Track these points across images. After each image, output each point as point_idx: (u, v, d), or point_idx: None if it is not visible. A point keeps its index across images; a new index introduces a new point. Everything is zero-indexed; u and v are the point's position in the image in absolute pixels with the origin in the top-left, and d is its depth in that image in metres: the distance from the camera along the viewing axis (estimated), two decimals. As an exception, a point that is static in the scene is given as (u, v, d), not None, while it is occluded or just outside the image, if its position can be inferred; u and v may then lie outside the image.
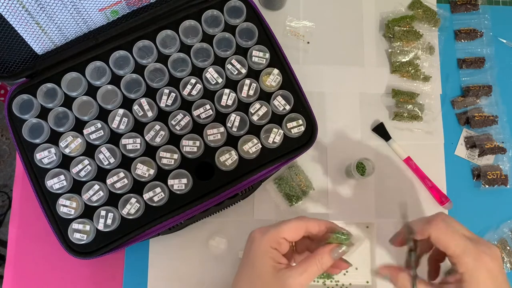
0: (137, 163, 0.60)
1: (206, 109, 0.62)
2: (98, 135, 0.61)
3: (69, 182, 0.60)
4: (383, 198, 0.73)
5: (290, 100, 0.63)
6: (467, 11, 0.81)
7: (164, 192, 0.60)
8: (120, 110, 0.61)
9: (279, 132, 0.62)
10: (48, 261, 0.71)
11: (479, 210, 0.74)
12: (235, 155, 0.61)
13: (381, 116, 0.76)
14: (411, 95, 0.75)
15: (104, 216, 0.59)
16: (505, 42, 0.81)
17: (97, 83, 0.63)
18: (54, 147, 0.60)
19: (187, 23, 0.65)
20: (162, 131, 0.61)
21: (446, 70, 0.79)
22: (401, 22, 0.77)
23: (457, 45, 0.80)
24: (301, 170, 0.72)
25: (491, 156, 0.75)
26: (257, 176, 0.63)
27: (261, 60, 0.64)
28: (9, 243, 0.72)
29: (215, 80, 0.63)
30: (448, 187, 0.74)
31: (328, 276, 0.70)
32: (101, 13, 0.61)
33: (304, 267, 0.47)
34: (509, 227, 0.73)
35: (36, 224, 0.72)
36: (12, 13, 0.54)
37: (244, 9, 0.65)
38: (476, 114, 0.76)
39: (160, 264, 0.69)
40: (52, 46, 0.62)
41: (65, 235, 0.59)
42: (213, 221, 0.70)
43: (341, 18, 0.80)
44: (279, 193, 0.71)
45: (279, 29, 0.77)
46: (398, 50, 0.77)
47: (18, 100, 0.62)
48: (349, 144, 0.75)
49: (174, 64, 0.64)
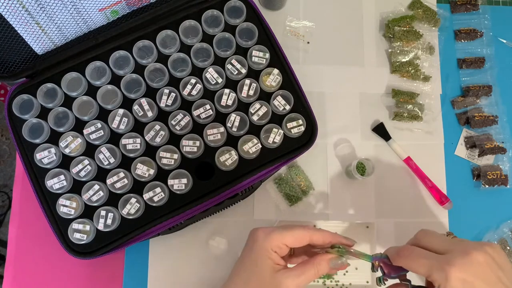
0: (137, 163, 0.60)
1: (206, 109, 0.62)
2: (98, 135, 0.61)
3: (69, 182, 0.60)
4: (383, 198, 0.73)
5: (290, 100, 0.63)
6: (467, 11, 0.81)
7: (164, 192, 0.60)
8: (120, 110, 0.61)
9: (279, 132, 0.62)
10: (48, 261, 0.71)
11: (479, 210, 0.74)
12: (235, 155, 0.61)
13: (381, 116, 0.76)
14: (411, 95, 0.75)
15: (104, 216, 0.59)
16: (505, 42, 0.81)
17: (97, 83, 0.63)
18: (54, 147, 0.60)
19: (187, 23, 0.65)
20: (162, 131, 0.61)
21: (446, 70, 0.79)
22: (401, 22, 0.77)
23: (457, 45, 0.80)
24: (301, 170, 0.72)
25: (491, 156, 0.75)
26: (257, 176, 0.63)
27: (261, 60, 0.64)
28: (9, 243, 0.72)
29: (215, 80, 0.63)
30: (448, 187, 0.74)
31: (328, 276, 0.70)
32: (101, 13, 0.61)
33: (302, 270, 0.48)
34: (509, 227, 0.73)
35: (36, 224, 0.72)
36: (12, 13, 0.54)
37: (244, 9, 0.65)
38: (476, 114, 0.76)
39: (160, 264, 0.69)
40: (52, 46, 0.62)
41: (65, 235, 0.59)
42: (213, 221, 0.70)
43: (341, 18, 0.80)
44: (279, 193, 0.71)
45: (279, 29, 0.77)
46: (398, 50, 0.77)
47: (18, 100, 0.62)
48: (349, 144, 0.75)
49: (174, 64, 0.64)
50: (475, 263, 0.43)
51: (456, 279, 0.42)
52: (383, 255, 0.50)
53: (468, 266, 0.43)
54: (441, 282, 0.43)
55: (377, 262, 0.50)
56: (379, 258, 0.50)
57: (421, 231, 0.50)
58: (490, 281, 0.43)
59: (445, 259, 0.44)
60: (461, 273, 0.42)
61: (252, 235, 0.51)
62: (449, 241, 0.47)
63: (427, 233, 0.49)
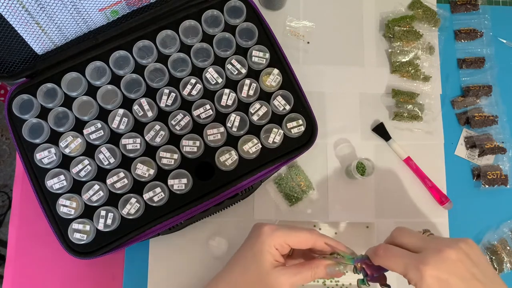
0: (137, 163, 0.60)
1: (206, 109, 0.62)
2: (98, 135, 0.61)
3: (69, 182, 0.60)
4: (383, 198, 0.73)
5: (290, 100, 0.63)
6: (467, 11, 0.81)
7: (164, 192, 0.60)
8: (120, 110, 0.61)
9: (279, 132, 0.62)
10: (48, 261, 0.71)
11: (479, 210, 0.74)
12: (235, 155, 0.61)
13: (381, 116, 0.76)
14: (411, 95, 0.75)
15: (104, 216, 0.59)
16: (505, 42, 0.81)
17: (97, 83, 0.63)
18: (54, 147, 0.60)
19: (187, 23, 0.65)
20: (162, 131, 0.61)
21: (446, 70, 0.79)
22: (401, 22, 0.77)
23: (457, 45, 0.80)
24: (301, 170, 0.72)
25: (491, 156, 0.75)
26: (257, 176, 0.63)
27: (261, 60, 0.64)
28: (9, 243, 0.72)
29: (215, 80, 0.63)
30: (448, 187, 0.74)
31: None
32: (101, 13, 0.61)
33: (299, 270, 0.50)
34: (509, 227, 0.73)
35: (36, 224, 0.72)
36: (12, 13, 0.54)
37: (244, 9, 0.65)
38: (476, 114, 0.76)
39: (160, 264, 0.69)
40: (52, 46, 0.62)
41: (65, 235, 0.59)
42: (213, 221, 0.70)
43: (341, 18, 0.80)
44: (279, 193, 0.71)
45: (279, 29, 0.77)
46: (398, 50, 0.77)
47: (18, 100, 0.62)
48: (349, 144, 0.75)
49: (174, 64, 0.64)
50: (448, 260, 0.43)
51: (430, 277, 0.42)
52: (364, 256, 0.50)
53: (442, 264, 0.43)
54: (416, 281, 0.44)
55: (359, 264, 0.50)
56: (361, 260, 0.50)
57: (396, 229, 0.50)
58: (464, 278, 0.43)
59: (419, 258, 0.44)
60: (435, 271, 0.43)
61: (257, 229, 0.52)
62: (424, 239, 0.47)
63: (402, 231, 0.49)
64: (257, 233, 0.52)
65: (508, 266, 0.71)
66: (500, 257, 0.71)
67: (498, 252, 0.71)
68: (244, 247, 0.53)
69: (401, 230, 0.49)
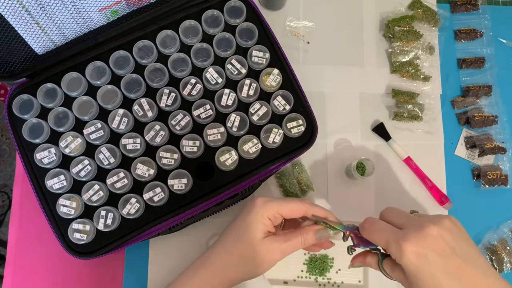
0: (137, 163, 0.60)
1: (206, 109, 0.62)
2: (98, 135, 0.61)
3: (69, 182, 0.60)
4: (383, 198, 0.73)
5: (290, 100, 0.63)
6: (467, 11, 0.81)
7: (164, 192, 0.60)
8: (120, 110, 0.61)
9: (279, 132, 0.62)
10: (48, 261, 0.71)
11: (479, 210, 0.74)
12: (235, 155, 0.61)
13: (381, 116, 0.76)
14: (411, 95, 0.75)
15: (104, 216, 0.59)
16: (505, 42, 0.81)
17: (97, 83, 0.63)
18: (54, 147, 0.60)
19: (187, 23, 0.65)
20: (162, 131, 0.61)
21: (446, 70, 0.79)
22: (401, 22, 0.77)
23: (457, 45, 0.80)
24: (305, 170, 0.72)
25: (491, 156, 0.75)
26: (257, 176, 0.63)
27: (261, 60, 0.64)
28: (9, 243, 0.72)
29: (215, 80, 0.63)
30: (448, 187, 0.74)
31: (321, 273, 0.70)
32: (101, 13, 0.61)
33: (289, 237, 0.52)
34: (509, 227, 0.73)
35: (36, 224, 0.72)
36: (12, 13, 0.54)
37: (244, 9, 0.65)
38: (476, 114, 0.76)
39: (160, 264, 0.69)
40: (52, 46, 0.62)
41: (65, 235, 0.59)
42: (213, 221, 0.70)
43: (341, 18, 0.80)
44: (279, 188, 0.71)
45: (279, 29, 0.77)
46: (398, 50, 0.77)
47: (18, 100, 0.62)
48: (349, 144, 0.75)
49: (174, 64, 0.64)
50: (428, 236, 0.44)
51: (410, 252, 0.44)
52: (355, 226, 0.52)
53: (422, 240, 0.44)
54: (396, 256, 0.45)
55: (348, 232, 0.52)
56: (351, 228, 0.52)
57: (386, 208, 0.52)
58: (443, 253, 0.44)
59: (401, 234, 0.45)
60: (414, 247, 0.44)
61: (252, 201, 0.54)
62: (408, 216, 0.49)
63: (390, 209, 0.51)
64: (251, 205, 0.54)
65: (508, 266, 0.71)
66: (500, 257, 0.71)
67: (498, 252, 0.71)
68: (238, 218, 0.55)
69: (390, 208, 0.51)
